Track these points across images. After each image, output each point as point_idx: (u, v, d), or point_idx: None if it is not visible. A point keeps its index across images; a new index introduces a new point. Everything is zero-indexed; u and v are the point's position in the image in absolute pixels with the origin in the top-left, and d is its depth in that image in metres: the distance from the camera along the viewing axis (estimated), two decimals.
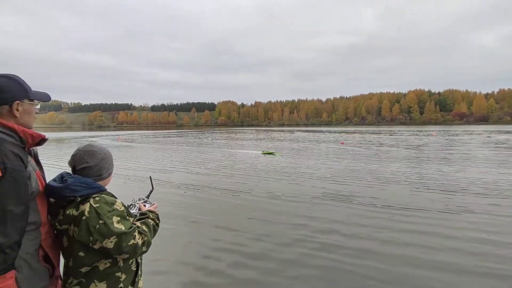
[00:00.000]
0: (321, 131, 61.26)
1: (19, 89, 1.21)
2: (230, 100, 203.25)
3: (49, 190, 1.33)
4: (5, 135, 1.14)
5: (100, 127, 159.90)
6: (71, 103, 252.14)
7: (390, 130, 61.96)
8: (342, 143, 26.31)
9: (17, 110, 1.20)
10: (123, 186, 9.41)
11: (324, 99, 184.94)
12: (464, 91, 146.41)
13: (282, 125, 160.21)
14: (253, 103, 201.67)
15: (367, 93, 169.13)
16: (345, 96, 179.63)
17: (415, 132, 49.14)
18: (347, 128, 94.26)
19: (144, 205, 1.67)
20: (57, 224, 1.36)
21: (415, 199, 7.16)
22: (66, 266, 1.38)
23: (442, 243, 4.57)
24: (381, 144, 25.60)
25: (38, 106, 1.32)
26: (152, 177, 1.92)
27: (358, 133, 50.96)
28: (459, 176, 9.95)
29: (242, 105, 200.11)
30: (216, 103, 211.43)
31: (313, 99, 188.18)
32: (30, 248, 1.19)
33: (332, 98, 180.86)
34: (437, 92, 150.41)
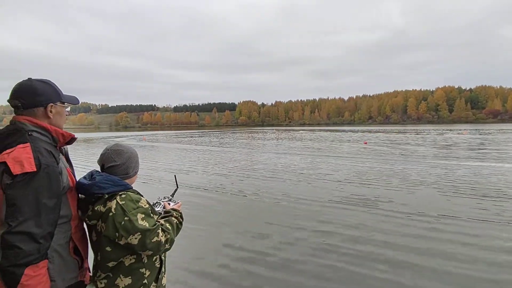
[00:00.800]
0: (343, 131, 59.87)
1: (52, 93, 1.31)
2: (250, 100, 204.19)
3: (79, 186, 1.41)
4: (40, 135, 1.23)
5: (126, 128, 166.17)
6: (99, 104, 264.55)
7: (417, 129, 59.35)
8: (366, 143, 25.59)
9: (51, 111, 1.29)
10: (149, 185, 9.70)
11: (346, 98, 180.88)
12: (498, 87, 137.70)
13: (303, 124, 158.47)
14: (273, 103, 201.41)
15: (391, 91, 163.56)
16: (369, 95, 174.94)
17: (443, 131, 46.71)
18: (371, 127, 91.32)
19: (169, 203, 1.71)
20: (86, 219, 1.42)
21: (447, 204, 6.65)
22: (95, 260, 1.45)
23: (481, 255, 4.16)
24: (407, 143, 24.59)
25: (68, 109, 1.43)
26: (176, 176, 1.96)
27: (382, 132, 49.20)
28: (495, 179, 9.29)
29: (263, 104, 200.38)
30: (236, 103, 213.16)
31: (334, 98, 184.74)
32: (62, 240, 1.27)
33: (354, 97, 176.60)
34: (468, 88, 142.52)
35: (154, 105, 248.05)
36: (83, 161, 15.87)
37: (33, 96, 1.25)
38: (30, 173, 1.11)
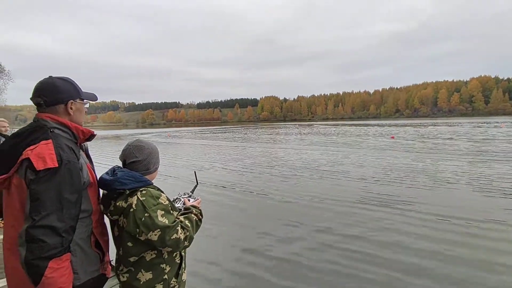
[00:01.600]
0: (369, 125, 57.97)
1: (72, 90, 1.33)
2: (272, 96, 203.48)
3: (101, 182, 1.42)
4: (61, 131, 1.26)
5: (152, 125, 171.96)
6: (126, 103, 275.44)
7: (449, 122, 56.18)
8: (393, 137, 24.60)
9: (71, 108, 1.32)
10: (170, 181, 9.94)
11: (371, 91, 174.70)
12: None
13: (326, 119, 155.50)
14: (295, 98, 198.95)
15: (420, 83, 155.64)
16: (396, 87, 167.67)
17: (478, 124, 43.80)
18: (398, 120, 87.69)
19: (189, 200, 1.69)
20: (109, 214, 1.44)
21: (483, 206, 6.03)
22: (117, 254, 1.46)
23: None
24: (438, 137, 23.31)
25: (87, 106, 1.43)
26: (196, 172, 1.94)
27: (411, 126, 47.06)
28: None
29: (285, 100, 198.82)
30: (258, 98, 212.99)
31: (359, 91, 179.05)
32: (83, 234, 1.29)
33: (380, 90, 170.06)
34: (505, 78, 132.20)
35: (178, 102, 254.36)
36: (110, 157, 16.58)
37: (54, 93, 1.27)
38: (53, 169, 1.13)
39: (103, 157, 16.72)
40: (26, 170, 1.13)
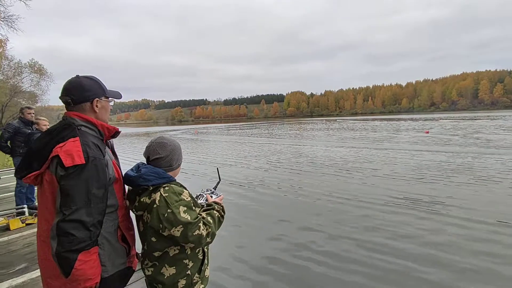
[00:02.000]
0: (401, 119, 55.21)
1: (98, 88, 1.37)
2: (299, 91, 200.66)
3: (126, 178, 1.46)
4: (88, 129, 1.30)
5: (181, 122, 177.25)
6: (157, 101, 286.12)
7: (491, 116, 52.00)
8: (427, 132, 23.25)
9: (97, 106, 1.36)
10: (194, 178, 10.16)
11: (404, 83, 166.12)
12: None
13: (355, 114, 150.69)
14: (322, 92, 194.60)
15: (459, 73, 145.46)
16: (431, 79, 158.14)
17: None
18: (433, 114, 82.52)
19: (211, 196, 1.69)
20: (134, 210, 1.47)
21: None
22: (143, 248, 1.50)
23: None
24: (480, 132, 21.65)
25: (112, 103, 1.47)
26: (219, 169, 1.94)
27: (448, 119, 44.12)
28: None
29: (312, 95, 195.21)
30: (284, 94, 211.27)
31: (390, 84, 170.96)
32: (110, 228, 1.33)
33: (414, 82, 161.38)
34: None
35: (205, 99, 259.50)
36: (139, 153, 17.29)
37: (81, 92, 1.31)
38: (80, 165, 1.17)
39: (133, 154, 17.51)
40: (56, 167, 1.18)
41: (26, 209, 4.67)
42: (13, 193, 4.96)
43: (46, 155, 1.20)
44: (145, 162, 1.55)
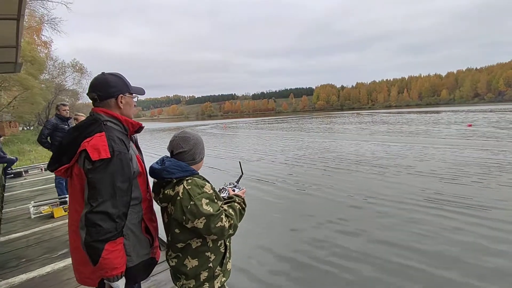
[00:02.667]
0: (441, 111, 51.59)
1: (122, 85, 1.41)
2: (328, 84, 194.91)
3: (151, 171, 1.49)
4: (113, 124, 1.35)
5: (210, 116, 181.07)
6: (187, 96, 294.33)
7: None
8: (470, 125, 21.56)
9: (121, 102, 1.40)
10: (219, 171, 10.31)
11: (443, 73, 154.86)
12: None
13: (389, 107, 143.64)
14: (354, 85, 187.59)
15: (507, 61, 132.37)
16: (474, 67, 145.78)
17: None
18: (477, 106, 75.92)
19: (233, 190, 1.70)
20: (158, 202, 1.51)
21: None
22: (167, 240, 1.54)
23: None
24: None
25: (136, 99, 1.51)
26: (241, 163, 1.94)
27: (494, 112, 40.47)
28: None
29: (342, 87, 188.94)
30: (313, 87, 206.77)
31: (428, 74, 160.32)
32: (135, 219, 1.38)
33: (455, 72, 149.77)
34: None
35: (234, 94, 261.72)
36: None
37: (106, 88, 1.36)
38: (106, 159, 1.21)
39: (163, 148, 18.18)
40: (84, 160, 1.23)
41: (68, 199, 5.03)
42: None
43: (74, 149, 1.25)
44: (169, 156, 1.58)
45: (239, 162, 1.94)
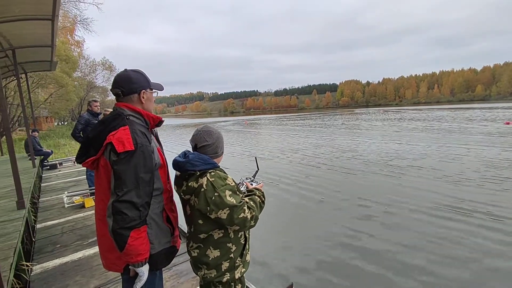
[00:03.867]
0: (475, 108, 48.49)
1: (144, 81, 1.48)
2: (353, 79, 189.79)
3: (175, 164, 1.55)
4: (135, 118, 1.42)
5: (232, 113, 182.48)
6: (210, 93, 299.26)
7: None
8: (508, 123, 20.14)
9: (143, 97, 1.47)
10: (234, 168, 10.37)
11: (479, 68, 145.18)
12: None
13: (417, 103, 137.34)
14: (380, 81, 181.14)
15: None
16: None
17: None
18: None
19: (251, 184, 1.73)
20: (181, 194, 1.55)
21: None
22: (188, 231, 1.59)
23: None
24: None
25: (155, 95, 1.57)
26: (257, 158, 1.98)
27: None
28: None
29: (368, 83, 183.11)
30: (337, 83, 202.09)
31: (462, 69, 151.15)
32: (157, 209, 1.45)
33: (492, 66, 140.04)
34: None
35: (256, 90, 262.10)
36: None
37: (129, 84, 1.43)
38: (130, 152, 1.28)
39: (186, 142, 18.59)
40: (109, 152, 1.31)
41: None
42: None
43: (101, 142, 1.33)
44: (191, 150, 1.61)
45: (255, 158, 1.97)
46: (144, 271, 1.34)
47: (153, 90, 1.53)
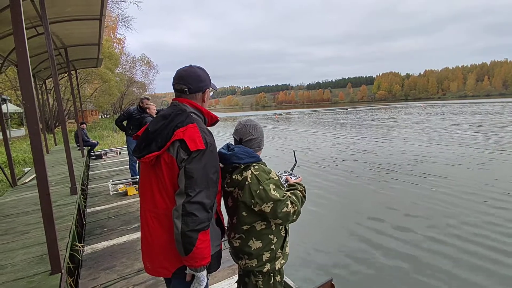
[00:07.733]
0: None
1: (208, 79, 1.46)
2: (391, 72, 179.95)
3: (220, 156, 1.53)
4: (197, 116, 1.38)
5: (264, 107, 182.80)
6: (242, 87, 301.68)
7: None
8: None
9: (206, 96, 1.45)
10: (272, 159, 10.35)
11: None
12: None
13: (464, 97, 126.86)
14: (421, 73, 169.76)
15: None
16: None
17: None
18: None
19: (290, 178, 1.72)
20: (225, 186, 1.58)
21: None
22: (229, 223, 1.61)
23: None
24: None
25: (211, 93, 1.54)
26: (295, 152, 1.96)
27: None
28: None
29: (407, 75, 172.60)
30: (374, 76, 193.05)
31: None
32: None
33: None
34: None
35: (289, 84, 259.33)
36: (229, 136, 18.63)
37: (197, 82, 1.39)
38: (201, 150, 1.22)
39: (226, 136, 18.97)
40: (178, 150, 1.23)
41: (138, 179, 5.63)
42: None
43: (164, 137, 1.25)
44: (232, 143, 1.64)
45: (293, 151, 1.96)
46: (204, 275, 1.28)
47: (211, 88, 1.50)
